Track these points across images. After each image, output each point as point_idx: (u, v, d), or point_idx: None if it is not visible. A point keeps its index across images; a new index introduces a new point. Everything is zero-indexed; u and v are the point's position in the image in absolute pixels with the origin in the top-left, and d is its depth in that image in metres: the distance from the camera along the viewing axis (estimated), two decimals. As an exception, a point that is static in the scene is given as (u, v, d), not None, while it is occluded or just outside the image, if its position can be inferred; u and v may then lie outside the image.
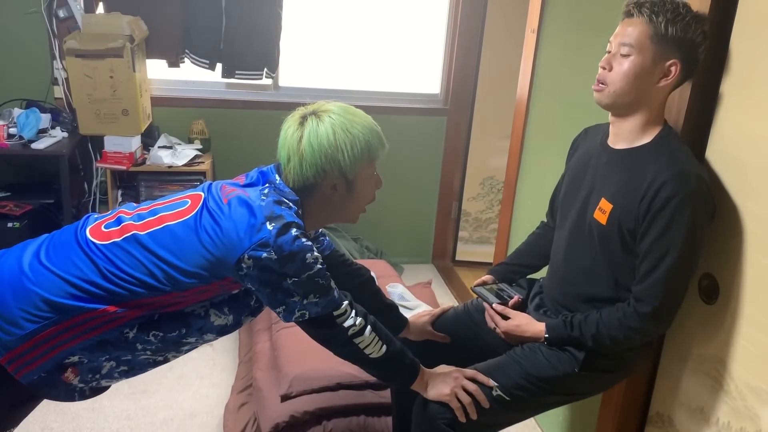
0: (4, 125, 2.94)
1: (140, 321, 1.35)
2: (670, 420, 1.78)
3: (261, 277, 1.30)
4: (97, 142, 3.23)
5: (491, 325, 1.76)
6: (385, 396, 2.11)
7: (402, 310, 2.72)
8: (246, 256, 1.28)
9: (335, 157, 1.37)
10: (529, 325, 1.68)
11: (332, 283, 1.39)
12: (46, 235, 1.45)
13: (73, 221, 3.20)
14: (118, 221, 1.39)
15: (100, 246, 1.34)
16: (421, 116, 3.77)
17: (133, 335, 1.36)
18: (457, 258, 4.08)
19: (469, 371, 1.58)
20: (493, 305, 1.75)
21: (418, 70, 3.81)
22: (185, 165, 3.24)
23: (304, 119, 1.40)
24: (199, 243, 1.31)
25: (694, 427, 1.68)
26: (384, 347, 1.46)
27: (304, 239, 1.32)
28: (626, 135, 1.56)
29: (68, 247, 1.36)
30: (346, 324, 1.40)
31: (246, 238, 1.28)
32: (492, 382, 1.57)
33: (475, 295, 1.89)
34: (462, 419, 1.52)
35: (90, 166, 3.33)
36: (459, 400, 1.52)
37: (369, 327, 1.44)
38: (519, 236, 2.71)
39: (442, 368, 1.59)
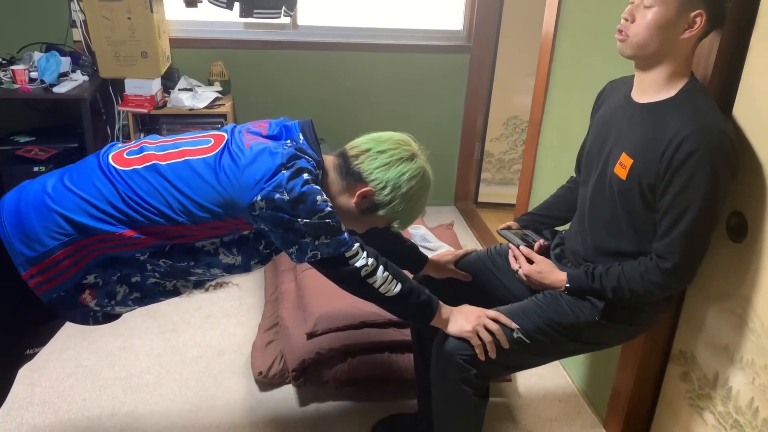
0: (25, 69, 2.94)
1: (152, 249, 1.41)
2: (693, 357, 1.79)
3: (274, 218, 1.34)
4: (118, 85, 3.22)
5: (515, 266, 1.76)
6: (407, 334, 2.14)
7: (424, 251, 2.75)
8: (259, 198, 1.32)
9: (398, 199, 1.46)
10: (551, 272, 1.69)
11: (342, 226, 1.41)
12: (71, 164, 1.50)
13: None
14: (141, 150, 1.44)
15: (121, 171, 1.39)
16: (442, 54, 3.68)
17: (144, 258, 1.42)
18: (479, 200, 4.06)
19: (492, 312, 1.59)
20: (520, 247, 1.75)
21: (440, 6, 3.70)
22: (206, 107, 3.23)
23: (415, 158, 1.49)
24: (217, 181, 1.36)
25: (718, 365, 1.68)
26: (398, 285, 1.48)
27: (314, 185, 1.36)
28: (650, 87, 1.51)
29: (90, 171, 1.41)
30: (358, 264, 1.42)
31: (261, 181, 1.33)
32: (514, 325, 1.58)
33: (499, 239, 1.89)
34: (481, 357, 1.54)
35: (112, 109, 3.34)
36: (480, 338, 1.54)
37: (381, 267, 1.46)
38: (543, 177, 2.68)
39: (465, 307, 1.60)
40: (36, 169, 2.86)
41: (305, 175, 1.35)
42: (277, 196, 1.32)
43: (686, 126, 1.39)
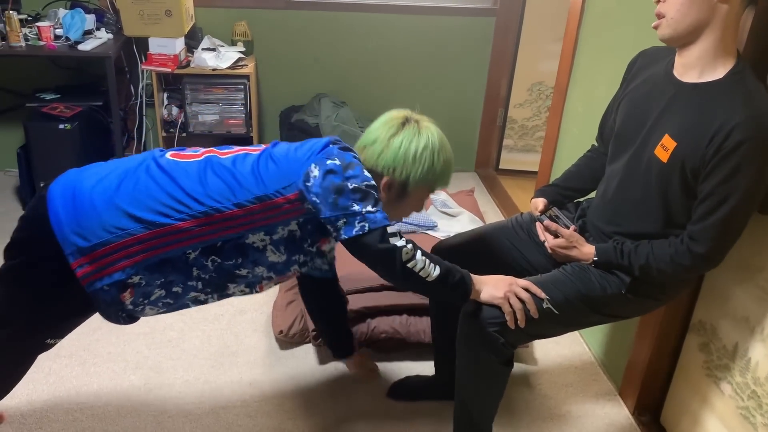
0: (50, 26, 2.95)
1: (204, 245, 1.44)
2: (713, 328, 1.78)
3: (325, 183, 1.40)
4: (142, 44, 3.23)
5: (543, 237, 1.75)
6: (425, 298, 2.16)
7: (444, 217, 2.75)
8: (313, 165, 1.42)
9: (411, 167, 1.51)
10: (578, 246, 1.67)
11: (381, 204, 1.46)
12: (123, 158, 1.56)
13: (121, 124, 3.27)
14: (198, 150, 1.55)
15: (181, 163, 1.47)
16: (467, 16, 3.62)
17: (194, 257, 1.45)
18: (500, 166, 4.04)
19: (523, 281, 1.58)
20: (545, 222, 1.73)
21: (467, -32, 3.63)
22: (229, 68, 3.22)
23: (406, 122, 1.53)
24: (273, 163, 1.47)
25: (738, 336, 1.68)
26: (437, 267, 1.46)
27: (359, 159, 1.48)
28: (695, 64, 1.44)
29: (147, 166, 1.47)
30: (399, 243, 1.41)
31: (313, 153, 1.46)
32: (544, 294, 1.57)
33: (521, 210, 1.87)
34: (511, 325, 1.53)
35: (135, 68, 3.35)
36: (510, 306, 1.53)
37: (419, 251, 1.45)
38: (567, 145, 2.65)
39: (495, 276, 1.58)
40: (62, 126, 2.88)
41: (354, 154, 1.48)
42: (329, 161, 1.42)
43: (738, 113, 1.34)
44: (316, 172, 1.41)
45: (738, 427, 1.68)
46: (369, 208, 1.40)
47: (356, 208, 1.40)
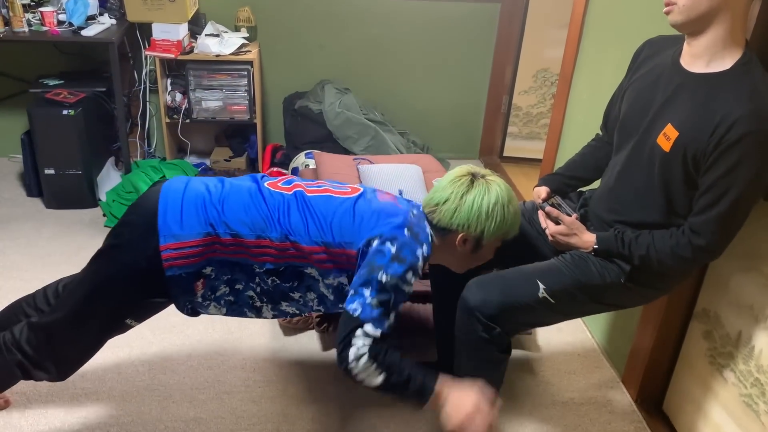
0: (53, 11, 2.94)
1: (270, 267, 1.58)
2: (716, 316, 1.78)
3: (372, 257, 1.50)
4: (145, 29, 3.21)
5: (544, 225, 1.75)
6: (427, 284, 2.16)
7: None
8: (378, 236, 1.52)
9: (484, 222, 1.56)
10: (579, 233, 1.67)
11: (394, 313, 1.51)
12: (225, 178, 1.70)
13: (124, 110, 3.25)
14: (290, 182, 1.67)
15: (273, 192, 1.62)
16: (472, 3, 3.59)
17: (259, 272, 1.59)
18: (504, 154, 4.02)
19: (490, 413, 1.48)
20: (546, 209, 1.73)
21: (472, -46, 3.60)
22: (232, 54, 3.21)
23: (474, 178, 1.59)
24: (351, 217, 1.57)
25: (742, 324, 1.68)
26: (380, 376, 1.46)
27: (419, 264, 1.53)
28: (702, 54, 1.43)
29: (247, 187, 1.62)
30: (359, 347, 1.43)
31: (387, 227, 1.54)
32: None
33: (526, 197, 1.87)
34: None
35: (139, 54, 3.33)
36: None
37: (375, 363, 1.44)
38: (572, 133, 2.64)
39: (465, 394, 1.49)
40: (65, 112, 2.88)
41: (419, 252, 1.53)
42: (388, 244, 1.50)
43: (741, 105, 1.33)
44: (376, 242, 1.52)
45: (741, 414, 1.68)
46: (374, 302, 1.47)
47: (366, 294, 1.47)
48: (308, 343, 2.27)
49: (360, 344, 1.44)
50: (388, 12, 3.55)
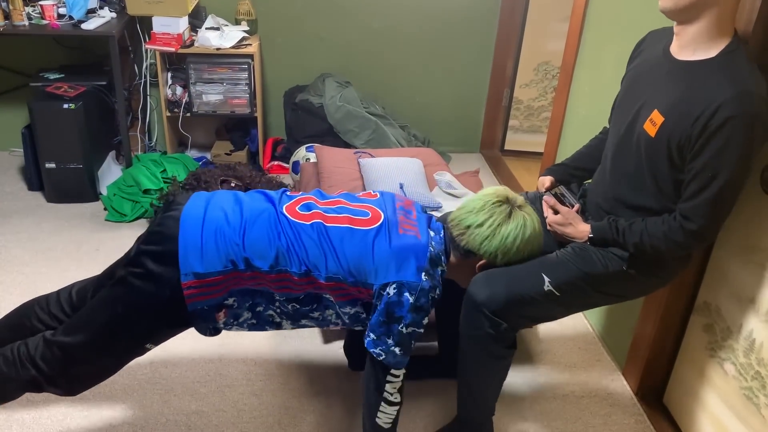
0: (53, 5, 2.93)
1: (290, 297, 1.59)
2: (717, 309, 1.78)
3: (389, 307, 1.51)
4: (146, 23, 3.21)
5: (546, 213, 1.77)
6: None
7: (449, 198, 2.75)
8: (394, 284, 1.51)
9: (512, 255, 1.60)
10: (574, 223, 1.69)
11: (412, 349, 1.58)
12: (242, 198, 1.66)
13: (125, 104, 3.25)
14: (309, 207, 1.62)
15: (292, 222, 1.57)
16: (474, -4, 3.59)
17: (279, 300, 1.60)
18: (505, 147, 4.02)
19: None
20: (545, 197, 1.75)
21: (473, -54, 3.59)
22: (233, 47, 3.21)
23: (512, 212, 1.60)
24: (369, 254, 1.54)
25: (742, 317, 1.68)
26: (390, 426, 1.63)
27: (435, 298, 1.57)
28: (690, 43, 1.45)
29: (266, 218, 1.57)
30: (390, 389, 1.59)
31: (404, 272, 1.52)
32: None
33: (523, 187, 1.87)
34: None
35: (139, 47, 3.33)
36: None
37: (399, 407, 1.62)
38: (573, 126, 2.63)
39: None
40: (66, 106, 2.88)
41: (436, 293, 1.56)
42: (406, 294, 1.51)
43: (725, 90, 1.34)
44: (393, 291, 1.51)
45: (741, 407, 1.69)
46: (397, 351, 1.54)
47: (389, 342, 1.53)
48: (310, 336, 2.27)
49: (391, 391, 1.59)
50: (389, 5, 3.54)
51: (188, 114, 3.36)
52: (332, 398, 2.02)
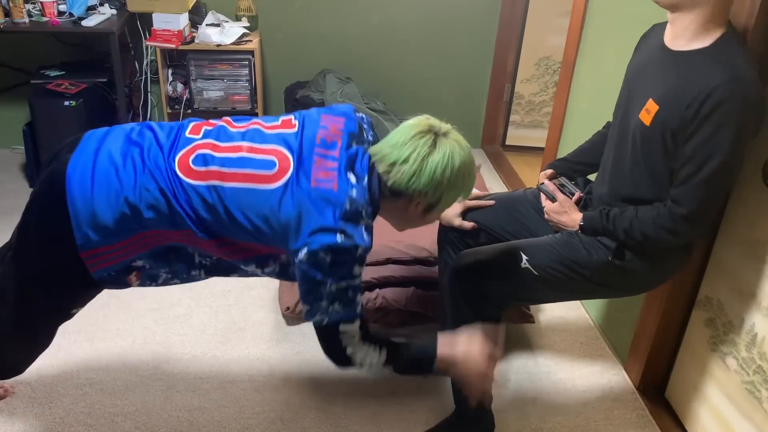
0: (54, 2, 2.92)
1: (204, 251, 1.48)
2: (719, 304, 1.78)
3: (306, 274, 1.35)
4: (146, 19, 3.20)
5: (544, 203, 1.78)
6: (434, 271, 2.17)
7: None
8: (305, 250, 1.33)
9: (444, 189, 1.41)
10: (569, 212, 1.70)
11: (358, 299, 1.42)
12: (130, 133, 1.48)
13: (126, 100, 3.24)
14: (205, 162, 1.40)
15: (184, 183, 1.39)
16: (475, -8, 3.58)
17: (197, 252, 1.48)
18: (507, 143, 4.01)
19: (492, 353, 1.52)
20: (545, 182, 1.76)
21: (474, -59, 3.57)
22: (233, 43, 3.20)
23: (437, 140, 1.40)
24: (274, 215, 1.37)
25: (745, 311, 1.68)
26: (383, 352, 1.46)
27: (360, 255, 1.36)
28: (683, 33, 1.45)
29: (156, 170, 1.40)
30: (345, 338, 1.42)
31: (315, 236, 1.33)
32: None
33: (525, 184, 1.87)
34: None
35: (140, 44, 3.33)
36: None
37: (367, 342, 1.45)
38: (574, 121, 2.63)
39: (470, 348, 1.51)
40: (67, 103, 2.88)
41: (359, 252, 1.35)
42: (321, 255, 1.33)
43: (717, 75, 1.35)
44: (304, 257, 1.34)
45: (743, 401, 1.68)
46: (334, 307, 1.38)
47: (323, 304, 1.38)
48: (311, 332, 2.24)
49: (347, 341, 1.42)
50: (389, 0, 3.53)
51: (189, 111, 3.36)
52: (334, 395, 2.02)
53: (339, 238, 1.33)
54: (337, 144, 1.43)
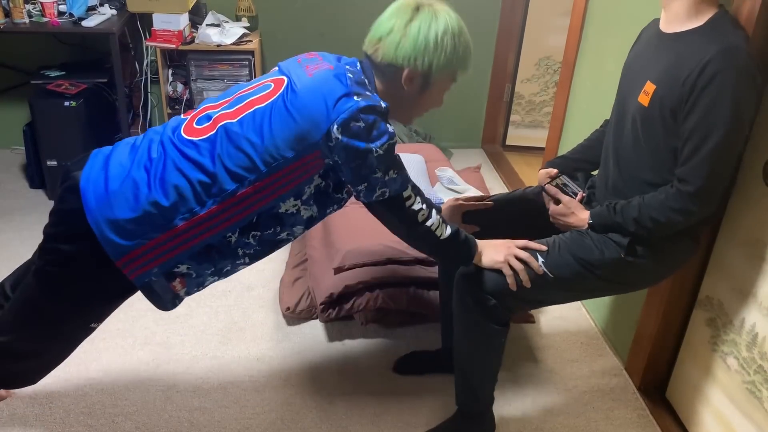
0: (54, 2, 2.93)
1: (241, 225, 1.42)
2: (720, 303, 1.78)
3: (349, 148, 1.34)
4: (146, 20, 3.20)
5: (548, 205, 1.77)
6: (434, 272, 2.17)
7: (451, 194, 2.74)
8: (336, 126, 1.32)
9: (432, 54, 1.41)
10: (575, 212, 1.69)
11: (402, 163, 1.44)
12: (134, 141, 1.49)
13: (126, 101, 3.24)
14: (208, 117, 1.43)
15: (197, 142, 1.39)
16: (475, -8, 3.57)
17: (236, 239, 1.44)
18: (507, 143, 4.01)
19: (520, 241, 1.61)
20: (546, 186, 1.74)
21: (474, -59, 3.57)
22: (233, 43, 3.20)
23: (420, 7, 1.42)
24: (290, 118, 1.35)
25: (745, 311, 1.68)
26: (448, 228, 1.50)
27: (384, 110, 1.38)
28: (675, 17, 1.48)
29: (167, 153, 1.40)
30: (416, 207, 1.45)
31: (335, 108, 1.33)
32: (543, 247, 1.60)
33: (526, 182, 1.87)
34: (513, 287, 1.56)
35: (140, 44, 3.33)
36: (511, 268, 1.56)
37: (434, 210, 1.49)
38: (575, 120, 2.63)
39: (492, 240, 1.62)
40: (67, 103, 2.88)
41: (380, 108, 1.36)
42: (353, 123, 1.32)
43: (711, 49, 1.37)
44: (338, 134, 1.32)
45: (744, 401, 1.68)
46: (391, 174, 1.39)
47: (378, 175, 1.38)
48: (312, 332, 2.27)
49: (418, 206, 1.44)
50: (389, 1, 3.52)
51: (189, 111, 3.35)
52: (334, 395, 2.02)
53: (358, 99, 1.34)
54: (316, 57, 1.50)
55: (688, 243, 1.63)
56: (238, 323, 2.31)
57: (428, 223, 1.44)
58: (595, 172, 1.89)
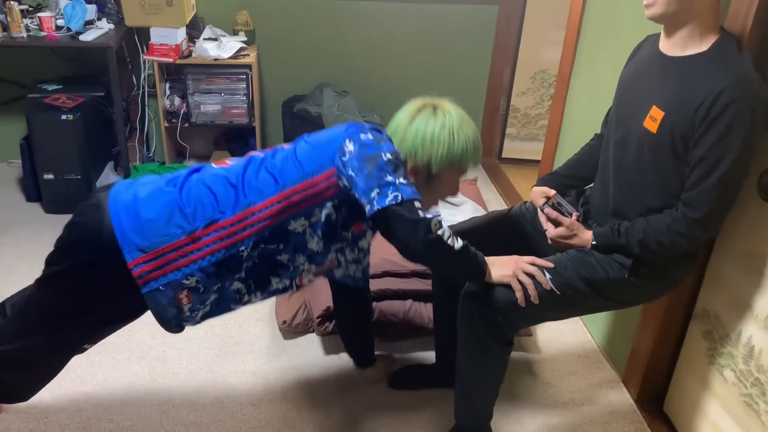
0: (51, 16, 2.94)
1: (255, 239, 1.48)
2: (716, 316, 1.78)
3: (360, 155, 1.45)
4: (144, 34, 3.22)
5: (545, 227, 1.75)
6: (429, 284, 2.16)
7: (447, 206, 2.75)
8: (348, 140, 1.48)
9: (430, 149, 1.53)
10: (577, 233, 1.68)
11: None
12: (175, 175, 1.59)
13: (123, 114, 3.25)
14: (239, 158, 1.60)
15: (227, 168, 1.55)
16: (470, 5, 3.60)
17: (247, 254, 1.49)
18: (503, 155, 4.03)
19: (528, 257, 1.61)
20: (545, 210, 1.73)
21: (469, -44, 3.61)
22: (231, 57, 3.22)
23: (422, 107, 1.58)
24: (310, 147, 1.53)
25: (742, 324, 1.68)
26: (459, 240, 1.48)
27: (386, 133, 1.56)
28: (679, 42, 1.48)
29: (197, 178, 1.53)
30: (428, 215, 1.45)
31: (347, 130, 1.51)
32: (550, 264, 1.59)
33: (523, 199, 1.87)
34: (522, 302, 1.54)
35: (137, 58, 3.34)
36: (520, 282, 1.56)
37: (444, 222, 1.50)
38: (570, 133, 2.64)
39: (500, 257, 1.61)
40: (64, 117, 2.88)
41: (383, 128, 1.56)
42: (362, 136, 1.49)
43: (724, 76, 1.37)
44: (351, 146, 1.47)
45: (741, 414, 1.68)
46: (401, 180, 1.44)
47: (390, 178, 1.43)
48: (308, 346, 2.27)
49: (430, 216, 1.45)
50: (386, 14, 3.55)
51: (186, 124, 3.37)
52: (332, 409, 2.01)
53: (366, 125, 1.54)
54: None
55: (689, 262, 1.64)
56: (234, 337, 2.30)
57: (440, 232, 1.45)
58: (588, 186, 1.90)
